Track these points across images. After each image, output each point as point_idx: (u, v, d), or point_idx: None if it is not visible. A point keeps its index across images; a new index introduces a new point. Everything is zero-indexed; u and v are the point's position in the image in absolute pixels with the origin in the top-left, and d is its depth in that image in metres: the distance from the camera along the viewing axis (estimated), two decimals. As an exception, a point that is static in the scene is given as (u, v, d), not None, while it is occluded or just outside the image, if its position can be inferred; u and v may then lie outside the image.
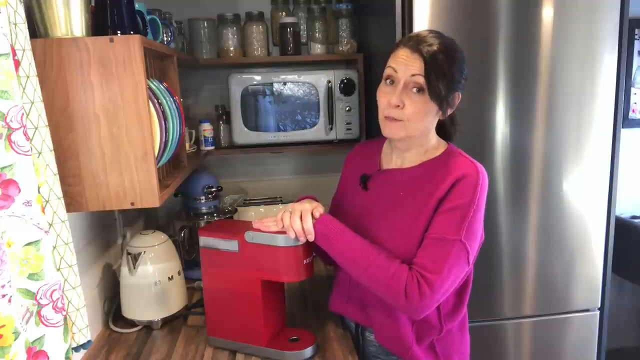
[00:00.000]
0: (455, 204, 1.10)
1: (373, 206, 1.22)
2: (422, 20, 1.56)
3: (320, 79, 1.94)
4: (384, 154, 1.28)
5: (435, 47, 1.07)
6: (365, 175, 1.26)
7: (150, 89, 1.12)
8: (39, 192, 0.90)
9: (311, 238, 1.14)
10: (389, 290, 1.08)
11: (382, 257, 1.10)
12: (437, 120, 1.17)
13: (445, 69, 1.07)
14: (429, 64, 1.07)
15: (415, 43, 1.09)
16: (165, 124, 1.16)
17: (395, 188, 1.20)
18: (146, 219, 2.01)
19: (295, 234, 1.13)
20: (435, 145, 1.20)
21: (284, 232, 1.16)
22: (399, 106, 1.11)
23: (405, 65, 1.09)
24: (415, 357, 1.19)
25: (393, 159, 1.24)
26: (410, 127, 1.12)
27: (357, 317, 1.28)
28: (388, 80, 1.14)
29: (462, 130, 1.27)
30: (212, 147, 2.02)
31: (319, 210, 1.16)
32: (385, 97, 1.13)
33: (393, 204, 1.18)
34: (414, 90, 1.09)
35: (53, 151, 0.98)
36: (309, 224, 1.13)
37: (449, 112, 1.16)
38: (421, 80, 1.08)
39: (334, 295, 1.34)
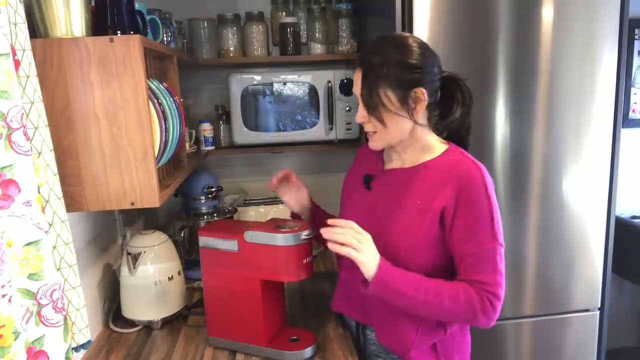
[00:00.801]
0: (478, 214, 1.10)
1: (376, 205, 1.22)
2: (422, 20, 1.56)
3: (320, 79, 1.94)
4: (386, 155, 1.28)
5: (371, 56, 1.10)
6: (368, 175, 1.26)
7: (150, 89, 1.12)
8: (39, 192, 0.90)
9: None
10: (466, 315, 1.10)
11: (446, 287, 1.10)
12: (418, 119, 1.13)
13: (381, 76, 1.08)
14: (365, 76, 1.10)
15: (360, 58, 1.13)
16: (165, 124, 1.16)
17: (398, 187, 1.20)
18: (146, 219, 2.01)
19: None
20: (432, 144, 1.19)
21: (283, 232, 1.17)
22: (364, 121, 1.15)
23: (355, 85, 1.14)
24: (416, 357, 1.19)
25: (393, 160, 1.24)
26: (385, 136, 1.15)
27: (359, 316, 1.28)
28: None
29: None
30: (212, 147, 2.02)
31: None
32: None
33: (396, 203, 1.18)
34: None
35: (53, 151, 0.98)
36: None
37: (419, 109, 1.11)
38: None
39: (336, 295, 1.34)
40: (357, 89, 1.14)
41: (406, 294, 1.08)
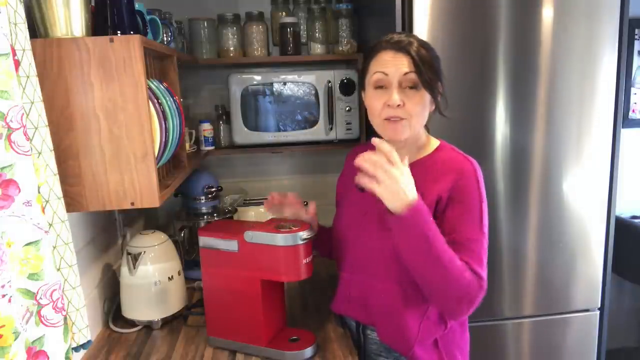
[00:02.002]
0: (468, 205, 1.12)
1: (370, 206, 1.22)
2: (422, 20, 1.56)
3: (320, 79, 1.94)
4: None
5: (415, 44, 1.12)
6: None
7: (150, 89, 1.12)
8: (39, 192, 0.90)
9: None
10: (462, 291, 1.08)
11: (457, 259, 1.08)
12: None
13: (429, 61, 1.12)
14: (416, 59, 1.11)
15: (396, 43, 1.13)
16: (165, 124, 1.16)
17: None
18: (146, 219, 2.01)
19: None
20: (426, 142, 1.22)
21: (283, 232, 1.17)
22: (399, 105, 1.12)
23: (394, 66, 1.12)
24: (418, 354, 1.19)
25: None
26: (413, 122, 1.14)
27: (359, 316, 1.28)
28: (377, 86, 1.15)
29: (453, 118, 1.28)
30: (212, 147, 2.02)
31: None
32: (379, 101, 1.14)
33: None
34: (409, 87, 1.12)
35: (53, 151, 0.98)
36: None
37: (439, 98, 1.18)
38: (414, 76, 1.11)
39: (337, 296, 1.34)
40: (398, 69, 1.11)
41: (427, 237, 1.04)
